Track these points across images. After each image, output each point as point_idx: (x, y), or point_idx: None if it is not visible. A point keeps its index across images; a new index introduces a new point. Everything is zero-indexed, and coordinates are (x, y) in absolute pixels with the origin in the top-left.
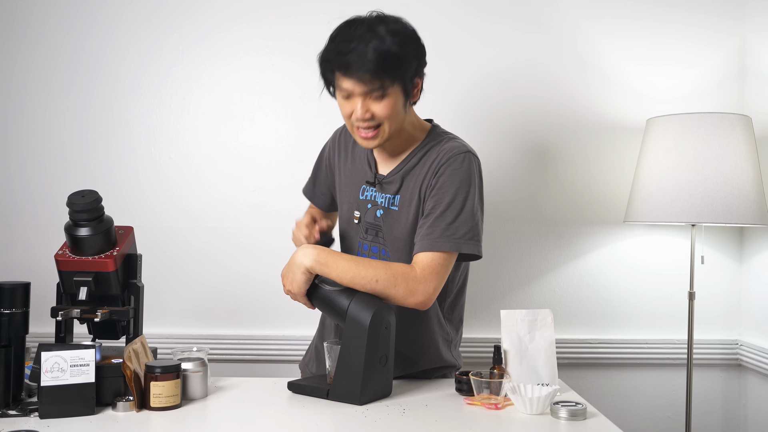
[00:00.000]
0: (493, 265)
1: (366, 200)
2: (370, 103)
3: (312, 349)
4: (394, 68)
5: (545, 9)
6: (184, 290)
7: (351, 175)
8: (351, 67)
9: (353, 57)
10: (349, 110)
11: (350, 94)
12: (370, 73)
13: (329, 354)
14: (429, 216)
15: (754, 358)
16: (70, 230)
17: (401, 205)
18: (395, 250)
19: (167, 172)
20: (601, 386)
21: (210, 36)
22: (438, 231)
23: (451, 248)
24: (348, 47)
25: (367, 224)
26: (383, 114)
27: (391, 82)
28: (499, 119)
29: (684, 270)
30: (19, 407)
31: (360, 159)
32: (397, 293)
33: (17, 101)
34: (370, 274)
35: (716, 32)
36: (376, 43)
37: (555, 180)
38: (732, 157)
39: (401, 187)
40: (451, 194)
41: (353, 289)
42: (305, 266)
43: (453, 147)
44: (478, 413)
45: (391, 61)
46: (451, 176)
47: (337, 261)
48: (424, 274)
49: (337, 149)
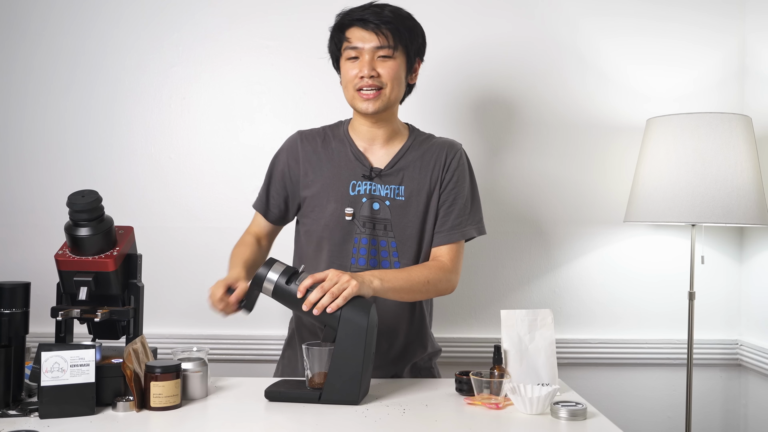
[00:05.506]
0: (493, 265)
1: (360, 195)
2: (377, 63)
3: (286, 363)
4: (406, 30)
5: (545, 8)
6: (184, 290)
7: (333, 176)
8: (368, 20)
9: (370, 12)
10: (354, 72)
11: (359, 53)
12: (385, 25)
13: (312, 357)
14: (452, 208)
15: (754, 358)
16: (70, 230)
17: (408, 196)
18: (404, 239)
19: (167, 172)
20: (601, 386)
21: (210, 36)
22: (464, 221)
23: (477, 233)
24: (365, 7)
25: (363, 218)
26: (387, 75)
27: (401, 43)
28: (499, 119)
29: (684, 270)
30: (19, 407)
31: (342, 157)
32: (441, 287)
33: (17, 101)
34: (421, 277)
35: (716, 32)
36: (392, 8)
37: (555, 180)
38: (732, 157)
39: (404, 178)
40: (467, 187)
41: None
42: (372, 288)
43: (451, 143)
44: (478, 413)
45: (405, 22)
46: (462, 170)
47: (393, 275)
48: (453, 263)
49: (302, 156)
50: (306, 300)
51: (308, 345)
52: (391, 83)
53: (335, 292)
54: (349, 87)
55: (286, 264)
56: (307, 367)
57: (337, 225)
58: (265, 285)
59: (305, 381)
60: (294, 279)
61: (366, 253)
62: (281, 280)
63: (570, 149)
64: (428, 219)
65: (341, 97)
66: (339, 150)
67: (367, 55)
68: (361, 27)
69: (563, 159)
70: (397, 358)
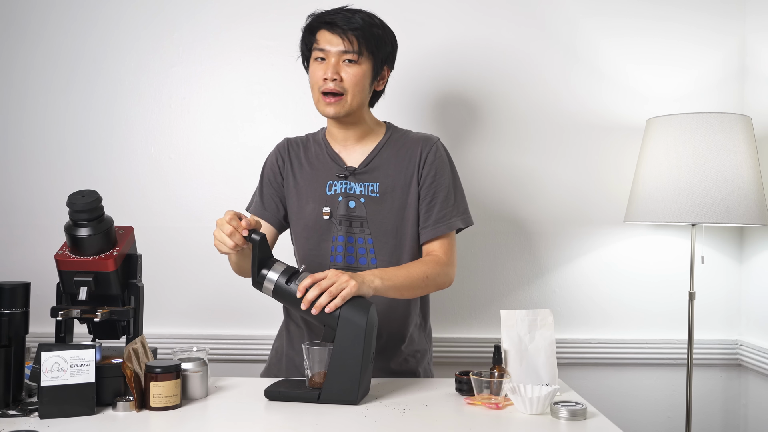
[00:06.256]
0: (493, 265)
1: (336, 194)
2: (342, 67)
3: (283, 361)
4: (373, 38)
5: (545, 8)
6: (184, 290)
7: (312, 178)
8: (337, 24)
9: (341, 17)
10: (319, 74)
11: (326, 55)
12: (352, 31)
13: (312, 357)
14: (434, 202)
15: (754, 358)
16: (70, 230)
17: (382, 192)
18: (380, 235)
19: (167, 172)
20: (601, 386)
21: (210, 36)
22: (448, 213)
23: (464, 223)
24: (337, 11)
25: (340, 216)
26: (349, 81)
27: (366, 51)
28: (498, 119)
29: (684, 270)
30: (19, 407)
31: (320, 160)
32: (439, 281)
33: (17, 101)
34: (420, 273)
35: (716, 32)
36: (363, 14)
37: (555, 180)
38: (732, 157)
39: (378, 174)
40: (447, 179)
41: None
42: (373, 287)
43: (426, 137)
44: (478, 413)
45: (373, 30)
46: (441, 164)
47: (393, 273)
48: (448, 256)
49: (289, 160)
50: (304, 298)
51: (308, 345)
52: (352, 89)
53: (333, 291)
54: (315, 89)
55: (286, 264)
56: (307, 366)
57: (316, 224)
58: (265, 285)
59: (305, 381)
60: (294, 279)
61: (343, 251)
62: (281, 279)
63: (570, 149)
64: (406, 215)
65: None
66: (317, 153)
67: (332, 58)
68: (329, 30)
69: (563, 159)
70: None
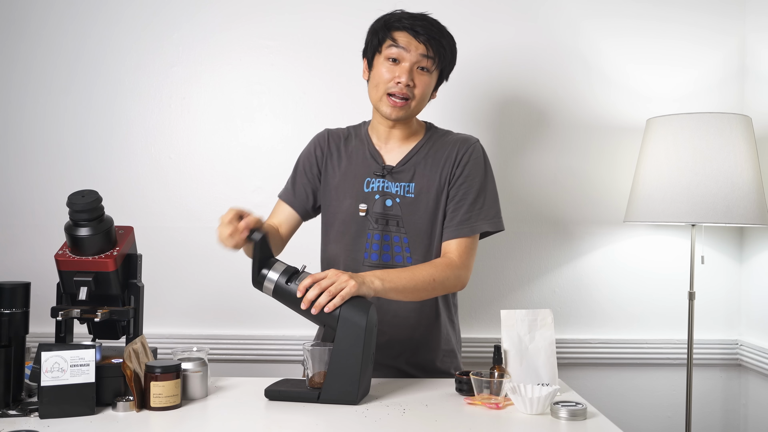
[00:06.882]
0: (493, 265)
1: (373, 192)
2: (415, 73)
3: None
4: (449, 53)
5: (547, 10)
6: (184, 290)
7: (351, 173)
8: (419, 32)
9: (422, 24)
10: (391, 75)
11: (401, 57)
12: (433, 41)
13: (313, 357)
14: (462, 203)
15: (754, 358)
16: (70, 230)
17: (417, 193)
18: (415, 235)
19: (167, 172)
20: (601, 386)
21: (210, 36)
22: (474, 216)
23: (492, 228)
24: (417, 17)
25: (376, 214)
26: (420, 89)
27: (439, 63)
28: (498, 119)
29: (684, 270)
30: (19, 407)
31: (359, 155)
32: (448, 284)
33: (17, 101)
34: (426, 276)
35: (716, 32)
36: (441, 26)
37: (555, 180)
38: (732, 157)
39: (414, 175)
40: (479, 182)
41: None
42: (373, 288)
43: (465, 138)
44: (479, 413)
45: (450, 45)
46: (475, 165)
47: (395, 275)
48: (462, 259)
49: (328, 152)
50: (304, 298)
51: (308, 345)
52: (419, 97)
53: (333, 291)
54: (380, 87)
55: (286, 264)
56: (307, 366)
57: (352, 220)
58: (266, 284)
59: (305, 380)
60: (294, 278)
61: (378, 249)
62: (281, 279)
63: (570, 149)
64: (439, 215)
65: (341, 97)
66: (357, 148)
67: (408, 63)
68: (413, 36)
69: (563, 159)
70: (398, 354)
